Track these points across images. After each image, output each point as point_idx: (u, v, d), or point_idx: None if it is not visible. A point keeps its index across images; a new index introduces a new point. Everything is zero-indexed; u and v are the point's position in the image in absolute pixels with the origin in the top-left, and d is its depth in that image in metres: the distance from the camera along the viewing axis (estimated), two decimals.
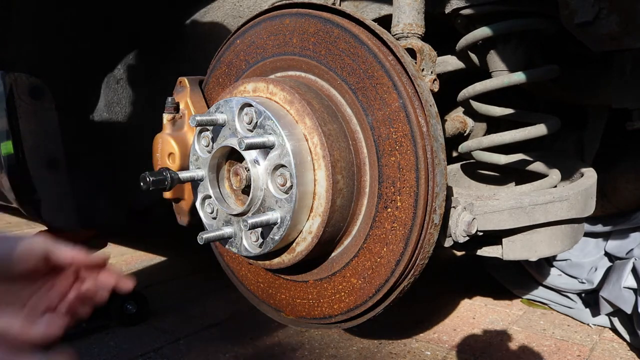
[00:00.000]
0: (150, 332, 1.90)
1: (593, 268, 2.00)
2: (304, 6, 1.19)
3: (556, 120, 1.45)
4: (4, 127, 1.55)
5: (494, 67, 1.43)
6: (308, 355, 1.72)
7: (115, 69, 2.02)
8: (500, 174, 1.75)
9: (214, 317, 2.04)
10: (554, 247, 1.33)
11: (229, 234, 1.17)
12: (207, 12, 1.81)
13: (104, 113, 2.03)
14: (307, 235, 1.11)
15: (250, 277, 1.38)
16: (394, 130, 1.05)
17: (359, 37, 1.08)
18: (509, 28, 1.34)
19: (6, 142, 1.56)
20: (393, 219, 1.06)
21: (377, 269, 1.10)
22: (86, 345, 1.79)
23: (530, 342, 1.83)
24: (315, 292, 1.22)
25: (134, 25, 1.97)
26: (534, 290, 2.18)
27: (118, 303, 1.91)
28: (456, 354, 1.75)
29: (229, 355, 1.73)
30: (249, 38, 1.31)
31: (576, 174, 1.53)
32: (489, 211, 1.23)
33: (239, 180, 1.14)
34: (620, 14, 1.11)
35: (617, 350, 1.78)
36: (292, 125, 1.08)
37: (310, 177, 1.07)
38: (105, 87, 2.02)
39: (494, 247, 1.33)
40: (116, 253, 3.00)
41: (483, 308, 2.16)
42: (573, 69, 1.58)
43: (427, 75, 1.15)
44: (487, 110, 1.53)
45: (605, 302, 1.83)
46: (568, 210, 1.30)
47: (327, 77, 1.16)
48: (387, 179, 1.07)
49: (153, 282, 2.51)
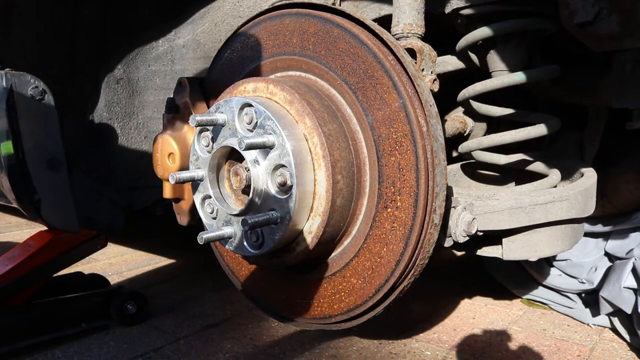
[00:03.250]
0: (150, 332, 1.90)
1: (593, 268, 2.00)
2: (304, 6, 1.19)
3: (556, 120, 1.45)
4: (4, 127, 1.55)
5: (494, 67, 1.43)
6: (308, 355, 1.72)
7: (115, 69, 2.02)
8: (500, 174, 1.75)
9: (214, 317, 2.04)
10: (554, 247, 1.33)
11: (229, 234, 1.17)
12: (207, 12, 1.81)
13: (104, 113, 2.03)
14: (307, 235, 1.11)
15: (250, 277, 1.38)
16: (394, 130, 1.05)
17: (359, 37, 1.08)
18: (509, 28, 1.34)
19: (6, 142, 1.56)
20: (393, 219, 1.06)
21: (377, 269, 1.10)
22: (86, 345, 1.79)
23: (530, 342, 1.83)
24: (315, 292, 1.22)
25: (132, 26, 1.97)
26: (534, 290, 2.18)
27: (118, 303, 1.91)
28: (456, 354, 1.75)
29: (229, 355, 1.73)
30: (249, 38, 1.31)
31: (576, 174, 1.53)
32: (489, 211, 1.23)
33: (239, 180, 1.14)
34: (620, 14, 1.11)
35: (617, 350, 1.78)
36: (292, 125, 1.08)
37: (310, 177, 1.07)
38: (105, 87, 2.02)
39: (494, 247, 1.33)
40: (116, 253, 3.00)
41: (483, 308, 2.16)
42: (573, 69, 1.58)
43: (427, 75, 1.15)
44: (487, 110, 1.53)
45: (605, 302, 1.83)
46: (568, 210, 1.30)
47: (327, 77, 1.16)
48: (387, 179, 1.07)
49: (153, 282, 2.51)
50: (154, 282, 2.51)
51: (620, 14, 1.11)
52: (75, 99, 2.01)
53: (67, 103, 1.94)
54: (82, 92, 2.03)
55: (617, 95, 1.46)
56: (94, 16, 1.96)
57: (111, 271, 2.65)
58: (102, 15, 1.98)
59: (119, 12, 1.99)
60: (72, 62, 1.98)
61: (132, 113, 2.07)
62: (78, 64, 1.99)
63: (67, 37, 1.93)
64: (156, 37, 1.96)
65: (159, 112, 1.99)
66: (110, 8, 1.98)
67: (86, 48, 1.99)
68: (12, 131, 1.56)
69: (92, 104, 2.04)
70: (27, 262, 1.73)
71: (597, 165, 1.67)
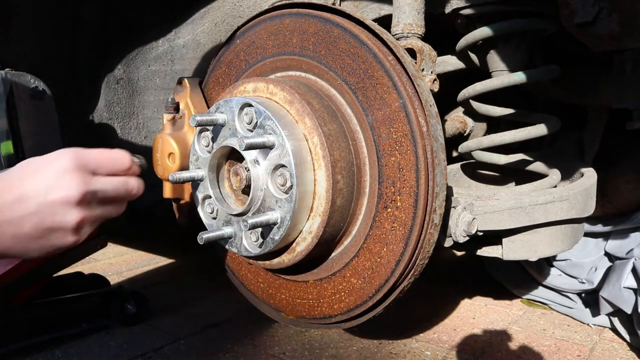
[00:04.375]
0: (150, 332, 1.90)
1: (593, 268, 2.00)
2: (304, 6, 1.19)
3: (556, 120, 1.45)
4: (4, 127, 1.55)
5: (494, 67, 1.43)
6: (308, 355, 1.72)
7: (115, 69, 2.02)
8: (500, 174, 1.75)
9: (214, 317, 2.04)
10: (554, 247, 1.33)
11: (229, 234, 1.17)
12: (207, 12, 1.81)
13: (104, 113, 2.03)
14: (307, 235, 1.11)
15: (250, 277, 1.38)
16: (394, 130, 1.05)
17: (359, 37, 1.08)
18: (509, 28, 1.34)
19: (6, 142, 1.56)
20: (393, 219, 1.06)
21: (377, 269, 1.10)
22: (86, 345, 1.79)
23: (530, 342, 1.83)
24: (315, 292, 1.22)
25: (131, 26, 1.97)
26: (534, 290, 2.18)
27: (118, 303, 1.91)
28: (456, 354, 1.75)
29: (229, 355, 1.73)
30: (249, 38, 1.31)
31: (576, 174, 1.53)
32: (489, 211, 1.23)
33: (239, 180, 1.14)
34: (620, 14, 1.11)
35: (617, 350, 1.78)
36: (292, 125, 1.08)
37: (310, 177, 1.07)
38: (105, 87, 2.02)
39: (494, 247, 1.33)
40: (116, 253, 3.00)
41: (483, 308, 2.16)
42: (573, 69, 1.58)
43: (427, 75, 1.15)
44: (487, 110, 1.53)
45: (605, 302, 1.83)
46: (568, 210, 1.30)
47: (327, 77, 1.16)
48: (387, 179, 1.07)
49: (153, 282, 2.51)
50: (154, 282, 2.51)
51: (620, 14, 1.11)
52: (75, 99, 2.01)
53: (67, 103, 1.94)
54: (82, 92, 2.03)
55: (617, 95, 1.47)
56: (94, 16, 1.96)
57: (111, 271, 2.65)
58: (102, 15, 1.98)
59: (119, 12, 1.99)
60: (72, 62, 1.98)
61: (132, 113, 2.07)
62: (78, 64, 1.99)
63: (67, 37, 1.93)
64: (156, 37, 1.96)
65: (159, 112, 1.99)
66: (110, 8, 1.98)
67: (86, 48, 1.99)
68: (12, 131, 1.56)
69: (92, 104, 2.04)
70: (27, 262, 1.73)
71: (597, 165, 1.67)
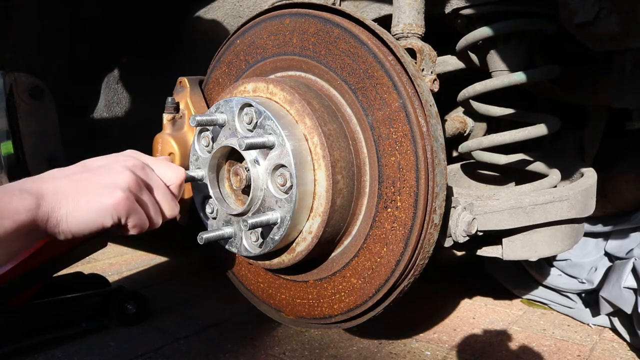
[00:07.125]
0: (150, 332, 1.90)
1: (593, 268, 2.00)
2: (304, 6, 1.19)
3: (556, 120, 1.45)
4: (4, 127, 1.55)
5: (494, 67, 1.43)
6: (308, 355, 1.72)
7: (116, 68, 2.02)
8: (500, 174, 1.75)
9: (214, 317, 2.04)
10: (554, 247, 1.33)
11: (228, 234, 1.17)
12: (207, 12, 1.81)
13: (104, 113, 2.03)
14: (307, 235, 1.11)
15: (250, 277, 1.38)
16: (394, 130, 1.05)
17: (359, 37, 1.08)
18: (509, 28, 1.34)
19: (6, 142, 1.56)
20: (393, 219, 1.06)
21: (377, 269, 1.10)
22: (86, 345, 1.79)
23: (530, 342, 1.83)
24: (315, 292, 1.22)
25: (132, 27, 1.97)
26: (534, 290, 2.18)
27: (118, 303, 1.91)
28: (456, 354, 1.75)
29: (229, 355, 1.73)
30: (249, 38, 1.31)
31: (576, 174, 1.53)
32: (489, 211, 1.23)
33: (239, 180, 1.14)
34: (620, 14, 1.11)
35: (617, 350, 1.78)
36: (292, 125, 1.08)
37: (310, 177, 1.07)
38: (105, 87, 2.02)
39: (494, 247, 1.33)
40: (116, 253, 3.00)
41: (483, 308, 2.16)
42: (573, 69, 1.58)
43: (427, 75, 1.15)
44: (487, 110, 1.53)
45: (605, 302, 1.83)
46: (568, 210, 1.30)
47: (327, 77, 1.16)
48: (387, 179, 1.07)
49: (153, 282, 2.51)
50: (154, 282, 2.51)
51: (620, 14, 1.11)
52: (75, 99, 2.01)
53: (67, 103, 1.94)
54: (82, 92, 2.03)
55: (617, 95, 1.47)
56: (94, 16, 1.96)
57: (111, 271, 2.65)
58: (102, 15, 1.98)
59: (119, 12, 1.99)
60: (72, 62, 1.98)
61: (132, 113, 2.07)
62: (78, 64, 1.99)
63: (67, 37, 1.93)
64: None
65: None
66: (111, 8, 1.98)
67: (86, 48, 1.99)
68: (12, 131, 1.56)
69: (92, 104, 2.04)
70: (27, 262, 1.73)
71: (597, 165, 1.67)
